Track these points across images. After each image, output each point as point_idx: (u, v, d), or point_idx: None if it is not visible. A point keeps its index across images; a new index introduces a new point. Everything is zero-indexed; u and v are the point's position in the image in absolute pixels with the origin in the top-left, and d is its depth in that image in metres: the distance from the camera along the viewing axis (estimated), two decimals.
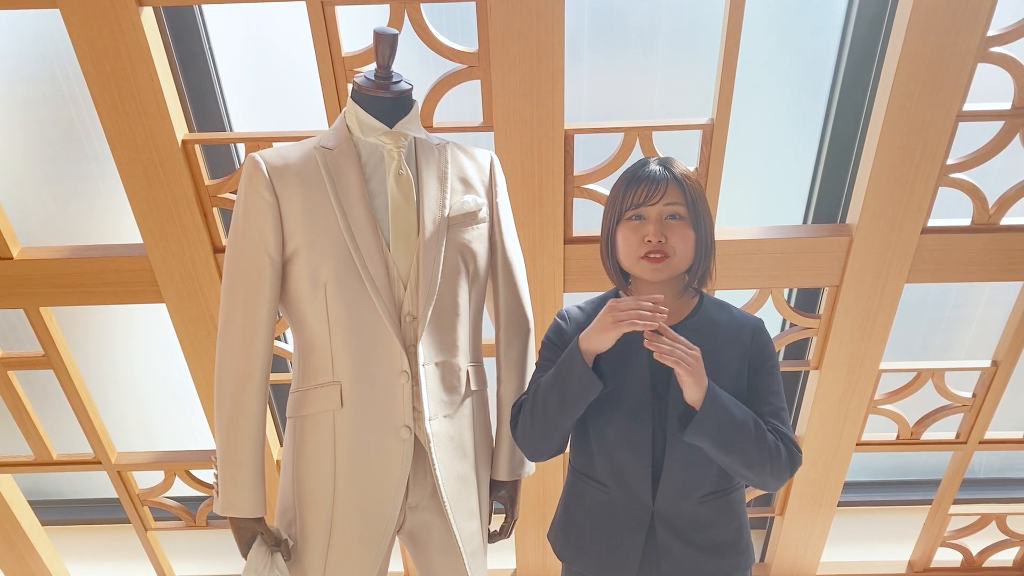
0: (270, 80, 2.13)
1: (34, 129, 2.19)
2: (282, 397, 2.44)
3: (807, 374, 2.25)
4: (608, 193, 1.35)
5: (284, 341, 2.23)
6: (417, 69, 1.75)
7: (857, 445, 2.28)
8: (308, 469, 1.41)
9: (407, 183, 1.36)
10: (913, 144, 1.80)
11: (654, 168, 1.28)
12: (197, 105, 1.98)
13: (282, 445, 2.28)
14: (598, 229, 1.37)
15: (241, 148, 2.07)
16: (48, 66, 2.08)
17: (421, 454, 1.41)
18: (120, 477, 2.31)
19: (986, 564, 2.54)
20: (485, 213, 1.45)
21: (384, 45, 1.32)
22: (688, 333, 1.32)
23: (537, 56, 1.71)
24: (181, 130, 1.81)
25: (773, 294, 2.05)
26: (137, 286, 1.99)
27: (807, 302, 2.31)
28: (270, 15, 2.00)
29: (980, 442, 2.26)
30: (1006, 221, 1.94)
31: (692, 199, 1.27)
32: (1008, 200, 1.91)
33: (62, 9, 1.63)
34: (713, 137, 1.81)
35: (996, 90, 1.82)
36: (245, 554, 1.41)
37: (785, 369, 2.17)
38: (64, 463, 2.30)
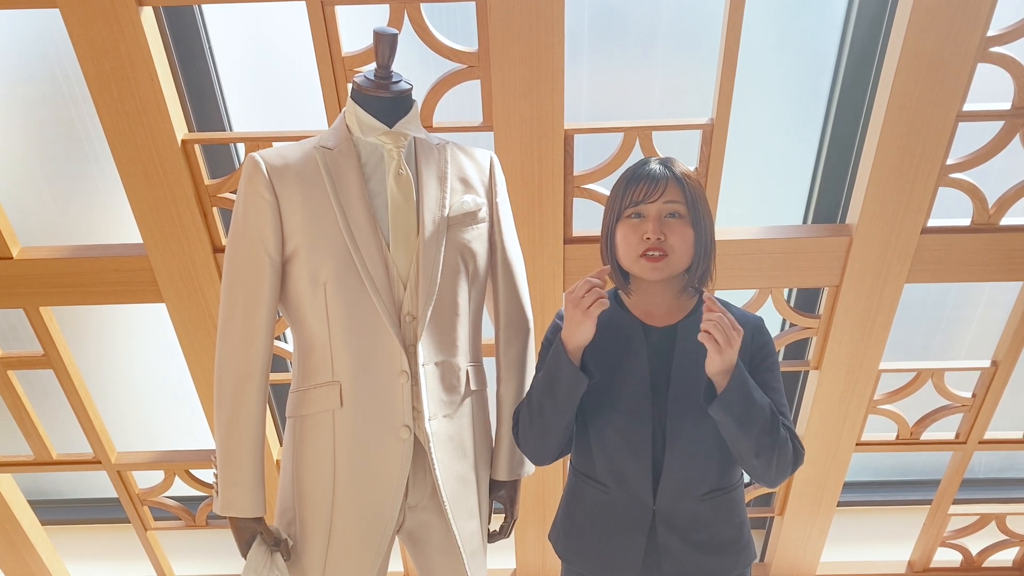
0: (270, 80, 2.13)
1: (34, 129, 2.19)
2: (282, 397, 2.44)
3: (807, 374, 2.25)
4: (608, 193, 1.36)
5: (284, 341, 2.23)
6: (417, 69, 1.75)
7: (857, 445, 2.28)
8: (308, 469, 1.41)
9: (407, 183, 1.36)
10: (913, 144, 1.80)
11: (654, 167, 1.29)
12: (197, 105, 1.98)
13: (282, 445, 2.28)
14: (598, 229, 1.37)
15: (241, 148, 2.07)
16: (48, 66, 2.08)
17: (421, 454, 1.41)
18: (120, 477, 2.31)
19: (986, 564, 2.54)
20: (485, 213, 1.45)
21: (384, 45, 1.32)
22: (689, 331, 1.32)
23: (537, 56, 1.71)
24: (181, 130, 1.81)
25: (773, 294, 2.05)
26: (137, 286, 1.99)
27: (807, 302, 2.31)
28: (270, 15, 2.00)
29: (980, 442, 2.26)
30: (1006, 221, 1.94)
31: (692, 198, 1.27)
32: (1008, 200, 1.91)
33: (62, 9, 1.63)
34: (713, 137, 1.81)
35: (996, 90, 1.82)
36: (245, 554, 1.41)
37: (785, 369, 2.17)
38: (64, 463, 2.30)
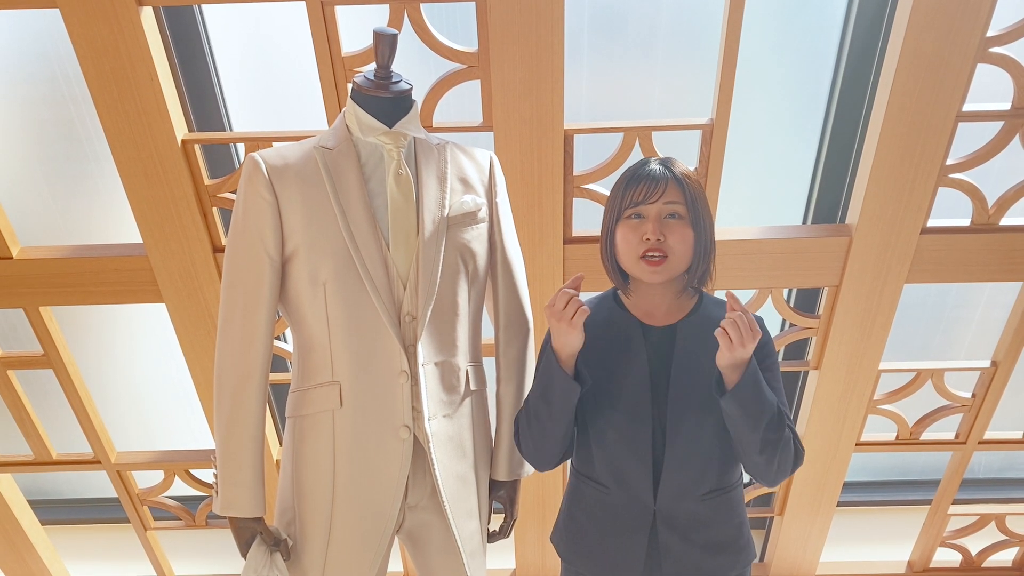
0: (270, 80, 2.13)
1: (34, 129, 2.19)
2: (282, 397, 2.44)
3: (806, 374, 2.25)
4: (608, 193, 1.36)
5: (284, 341, 2.23)
6: (417, 69, 1.75)
7: (856, 445, 2.28)
8: (307, 469, 1.41)
9: (407, 183, 1.36)
10: (913, 144, 1.80)
11: (654, 167, 1.29)
12: (197, 105, 1.98)
13: (281, 445, 2.28)
14: (598, 229, 1.37)
15: (241, 148, 2.07)
16: (48, 66, 2.08)
17: (420, 454, 1.41)
18: (119, 477, 2.31)
19: (985, 564, 2.54)
20: (484, 213, 1.45)
21: (384, 45, 1.32)
22: (688, 331, 1.32)
23: (537, 56, 1.71)
24: (181, 130, 1.81)
25: (773, 294, 2.05)
26: (137, 286, 1.99)
27: (806, 302, 2.31)
28: (270, 15, 2.00)
29: (979, 442, 2.26)
30: (1006, 221, 1.94)
31: (692, 198, 1.27)
32: (1008, 200, 1.91)
33: (62, 9, 1.63)
34: (713, 137, 1.81)
35: (996, 90, 1.82)
36: (244, 554, 1.41)
37: (784, 369, 2.17)
38: (64, 463, 2.30)
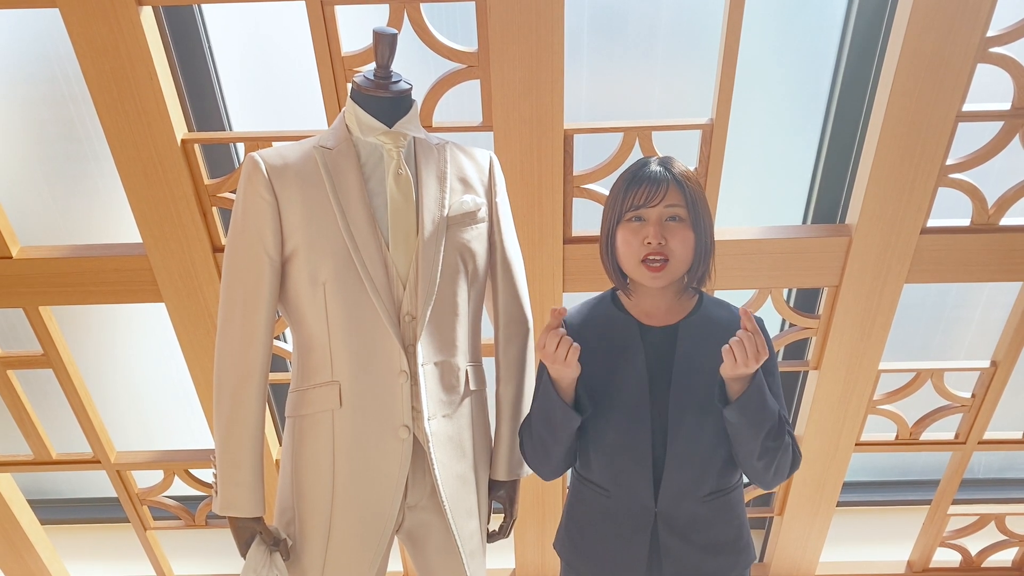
0: (270, 80, 2.12)
1: (34, 129, 2.19)
2: (281, 396, 2.44)
3: (806, 374, 2.25)
4: (608, 193, 1.35)
5: (283, 340, 2.23)
6: (417, 69, 1.75)
7: (856, 445, 2.28)
8: (307, 469, 1.41)
9: (406, 183, 1.36)
10: (913, 144, 1.80)
11: (655, 169, 1.28)
12: (197, 104, 1.98)
13: (281, 444, 2.28)
14: (597, 229, 1.37)
15: (240, 148, 2.07)
16: (48, 66, 2.08)
17: (420, 454, 1.41)
18: (119, 476, 2.31)
19: (985, 564, 2.54)
20: (484, 213, 1.45)
21: (383, 45, 1.32)
22: (690, 331, 1.32)
23: (537, 56, 1.71)
24: (180, 129, 1.81)
25: (772, 294, 2.05)
26: (136, 285, 1.99)
27: (806, 302, 2.30)
28: (270, 15, 2.00)
29: (979, 442, 2.26)
30: (1005, 221, 1.94)
31: (692, 200, 1.27)
32: (1007, 200, 1.91)
33: (62, 9, 1.63)
34: (713, 137, 1.81)
35: (996, 90, 1.82)
36: (244, 553, 1.41)
37: (784, 369, 2.17)
38: (63, 462, 2.30)
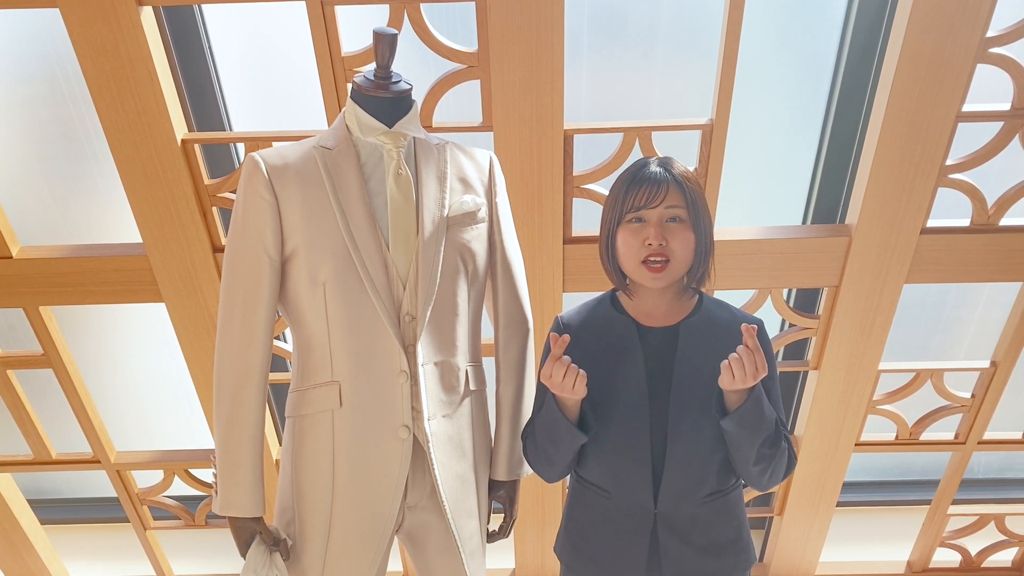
0: (270, 80, 2.12)
1: (34, 128, 2.19)
2: (281, 396, 2.44)
3: (806, 374, 2.25)
4: (608, 193, 1.35)
5: (283, 340, 2.23)
6: (417, 69, 1.75)
7: (856, 445, 2.28)
8: (307, 469, 1.41)
9: (406, 183, 1.36)
10: (912, 144, 1.80)
11: (655, 170, 1.28)
12: (197, 104, 1.98)
13: (281, 444, 2.28)
14: (597, 229, 1.37)
15: (240, 147, 2.07)
16: (48, 65, 2.08)
17: (420, 454, 1.41)
18: (119, 476, 2.31)
19: (985, 564, 2.54)
20: (484, 213, 1.45)
21: (384, 45, 1.32)
22: (690, 332, 1.33)
23: (537, 56, 1.71)
24: (181, 129, 1.81)
25: (772, 294, 2.05)
26: (136, 285, 1.99)
27: (806, 302, 2.31)
28: (270, 15, 2.00)
29: (979, 442, 2.26)
30: (1005, 221, 1.94)
31: (692, 201, 1.27)
32: (1007, 200, 1.91)
33: (62, 8, 1.63)
34: (712, 137, 1.81)
35: (996, 91, 1.82)
36: (244, 553, 1.41)
37: (784, 369, 2.17)
38: (63, 462, 2.30)
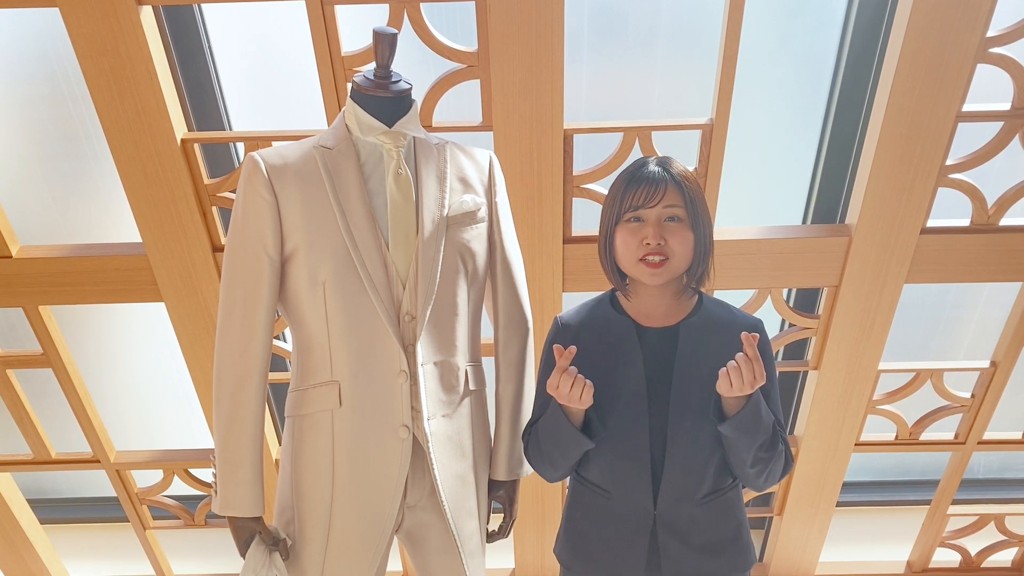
0: (270, 79, 2.12)
1: (33, 128, 2.19)
2: (281, 396, 2.44)
3: (806, 374, 2.25)
4: (607, 193, 1.35)
5: (283, 340, 2.23)
6: (417, 69, 1.75)
7: (856, 445, 2.28)
8: (306, 468, 1.41)
9: (406, 182, 1.36)
10: (912, 144, 1.80)
11: (653, 169, 1.28)
12: (196, 104, 1.98)
13: (281, 444, 2.28)
14: (597, 229, 1.37)
15: (240, 147, 2.07)
16: (47, 65, 2.08)
17: (419, 454, 1.41)
18: (119, 476, 2.31)
19: (984, 564, 2.54)
20: (484, 213, 1.45)
21: (383, 44, 1.32)
22: (689, 332, 1.32)
23: (537, 56, 1.71)
24: (180, 129, 1.81)
25: (772, 294, 2.05)
26: (136, 285, 1.99)
27: (806, 302, 2.31)
28: (270, 15, 2.00)
29: (979, 442, 2.26)
30: (1005, 221, 1.94)
31: (691, 200, 1.27)
32: (1007, 200, 1.91)
33: (62, 8, 1.63)
34: (712, 137, 1.81)
35: (996, 91, 1.82)
36: (243, 553, 1.41)
37: (784, 369, 2.17)
38: (63, 462, 2.30)
